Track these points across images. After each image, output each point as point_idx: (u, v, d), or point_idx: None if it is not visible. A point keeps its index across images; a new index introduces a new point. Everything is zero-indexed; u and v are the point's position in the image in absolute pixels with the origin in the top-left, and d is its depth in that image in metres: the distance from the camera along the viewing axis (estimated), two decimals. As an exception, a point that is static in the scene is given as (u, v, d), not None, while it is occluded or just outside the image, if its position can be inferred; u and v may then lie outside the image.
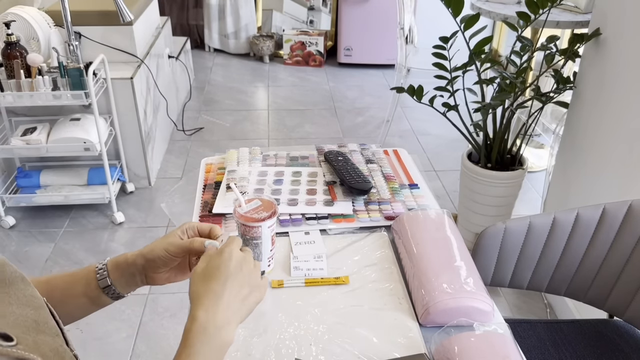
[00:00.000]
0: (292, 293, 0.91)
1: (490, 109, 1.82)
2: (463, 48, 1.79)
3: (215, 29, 4.30)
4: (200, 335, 0.60)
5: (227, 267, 0.65)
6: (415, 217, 1.01)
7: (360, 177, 1.15)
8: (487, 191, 1.94)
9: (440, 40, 1.79)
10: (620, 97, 1.58)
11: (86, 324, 1.84)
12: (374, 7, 3.87)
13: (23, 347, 0.46)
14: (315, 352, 0.79)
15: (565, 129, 1.92)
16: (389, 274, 0.95)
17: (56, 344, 0.52)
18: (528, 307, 1.95)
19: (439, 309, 0.82)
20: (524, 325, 1.22)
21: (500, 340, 0.77)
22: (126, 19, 2.05)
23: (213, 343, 0.61)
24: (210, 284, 0.64)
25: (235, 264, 0.66)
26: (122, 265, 0.75)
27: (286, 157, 1.31)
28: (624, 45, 1.56)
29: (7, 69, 2.04)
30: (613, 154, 1.60)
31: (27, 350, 0.46)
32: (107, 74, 2.26)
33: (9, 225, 2.31)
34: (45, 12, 2.30)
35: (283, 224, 1.06)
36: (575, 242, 1.15)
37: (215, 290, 0.63)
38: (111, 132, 2.36)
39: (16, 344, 0.45)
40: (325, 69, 4.11)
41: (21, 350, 0.45)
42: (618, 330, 1.21)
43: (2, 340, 0.44)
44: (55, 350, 0.51)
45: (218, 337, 0.61)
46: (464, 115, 1.92)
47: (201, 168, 1.28)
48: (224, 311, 0.63)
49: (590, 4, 2.13)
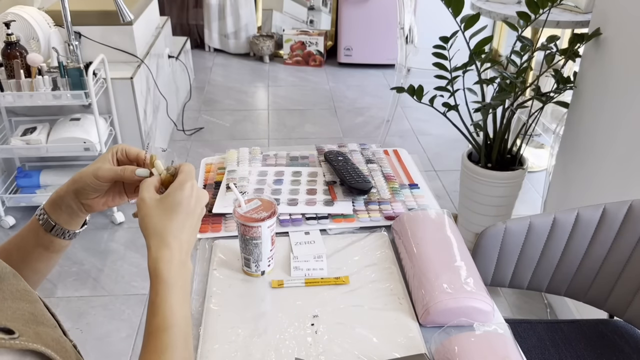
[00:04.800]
0: (292, 293, 0.91)
1: (490, 109, 1.82)
2: (463, 48, 1.79)
3: (215, 29, 4.30)
4: (170, 271, 0.61)
5: (188, 204, 0.64)
6: (415, 217, 1.01)
7: (360, 177, 1.15)
8: (487, 191, 1.94)
9: (441, 40, 1.79)
10: (620, 97, 1.58)
11: (86, 324, 1.84)
12: (374, 7, 3.86)
13: (25, 339, 0.46)
14: (315, 352, 0.79)
15: (565, 129, 1.92)
16: (389, 274, 0.95)
17: (56, 335, 0.53)
18: (528, 307, 1.95)
19: (439, 309, 0.82)
20: (524, 325, 1.22)
21: (500, 340, 0.77)
22: (126, 18, 2.05)
23: (182, 276, 0.62)
24: (171, 220, 0.63)
25: (195, 201, 0.65)
26: (57, 201, 0.72)
27: (286, 157, 1.31)
28: (624, 45, 1.56)
29: (7, 69, 2.04)
30: (613, 154, 1.60)
31: (29, 342, 0.46)
32: (107, 74, 2.25)
33: (9, 225, 2.31)
34: (45, 12, 2.30)
35: (283, 224, 1.06)
36: (575, 242, 1.15)
37: (177, 226, 0.64)
38: (111, 132, 2.35)
39: (18, 336, 0.46)
40: (325, 69, 4.11)
41: (24, 341, 0.46)
42: (618, 330, 1.21)
43: (3, 334, 0.45)
44: (56, 340, 0.51)
45: (185, 270, 0.63)
46: (464, 115, 1.92)
47: (201, 168, 1.28)
48: (186, 245, 0.64)
49: (590, 4, 2.13)
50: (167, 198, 0.65)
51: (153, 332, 0.59)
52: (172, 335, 0.59)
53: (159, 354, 0.58)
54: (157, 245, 0.62)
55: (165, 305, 0.60)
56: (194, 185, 0.66)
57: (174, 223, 0.63)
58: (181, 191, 0.65)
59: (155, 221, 0.64)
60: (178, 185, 0.65)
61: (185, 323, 0.62)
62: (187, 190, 0.65)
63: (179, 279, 0.62)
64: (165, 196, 0.65)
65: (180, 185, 0.65)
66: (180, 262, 0.63)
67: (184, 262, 0.63)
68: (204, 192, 0.68)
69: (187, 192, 0.65)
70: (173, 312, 0.60)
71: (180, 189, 0.65)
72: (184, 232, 0.64)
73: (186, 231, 0.64)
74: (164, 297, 0.60)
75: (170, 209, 0.64)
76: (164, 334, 0.59)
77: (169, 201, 0.65)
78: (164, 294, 0.60)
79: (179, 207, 0.64)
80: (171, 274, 0.61)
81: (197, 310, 0.88)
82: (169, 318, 0.60)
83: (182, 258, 0.63)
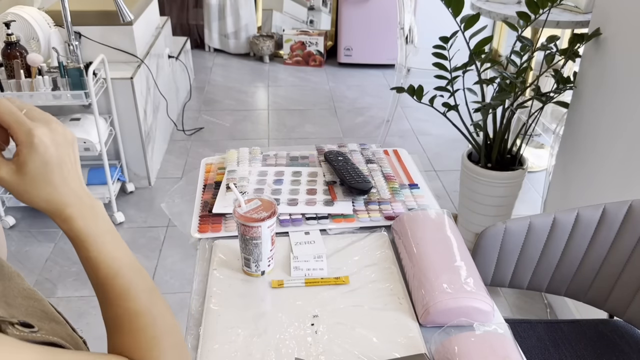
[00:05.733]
0: (292, 293, 0.91)
1: (490, 109, 1.82)
2: (463, 48, 1.79)
3: (215, 29, 4.30)
4: (87, 222, 0.55)
5: (51, 157, 0.53)
6: (415, 217, 1.01)
7: (360, 177, 1.15)
8: (487, 191, 1.94)
9: (440, 40, 1.79)
10: (620, 96, 1.58)
11: (86, 324, 1.84)
12: (374, 7, 3.86)
13: (44, 333, 0.47)
14: (315, 352, 0.79)
15: (565, 129, 1.92)
16: (389, 274, 0.95)
17: (68, 331, 0.53)
18: (528, 307, 1.95)
19: (439, 309, 0.82)
20: (524, 325, 1.22)
21: (500, 340, 0.77)
22: (126, 19, 2.05)
23: (99, 219, 0.56)
24: (48, 184, 0.53)
25: (54, 149, 0.53)
26: None
27: (286, 157, 1.31)
28: (624, 45, 1.56)
29: (7, 69, 2.04)
30: (613, 153, 1.60)
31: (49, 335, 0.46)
32: (107, 74, 2.25)
33: (9, 225, 2.31)
34: (45, 12, 2.30)
35: (283, 224, 1.06)
36: (575, 242, 1.15)
37: (61, 183, 0.54)
38: (111, 132, 2.36)
39: (38, 330, 0.46)
40: (325, 69, 4.11)
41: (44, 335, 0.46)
42: (618, 330, 1.21)
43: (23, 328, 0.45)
44: (70, 335, 0.52)
45: (95, 212, 0.56)
46: (464, 115, 1.92)
47: (201, 168, 1.28)
48: (79, 189, 0.56)
49: (590, 4, 2.13)
50: (26, 166, 0.52)
51: (103, 284, 0.55)
52: (125, 276, 0.55)
53: (122, 299, 0.55)
54: (55, 212, 0.54)
55: (103, 255, 0.55)
56: (42, 137, 0.52)
57: (53, 186, 0.54)
58: (35, 152, 0.52)
59: (35, 194, 0.54)
60: (26, 144, 0.52)
61: (133, 261, 0.57)
62: (40, 148, 0.52)
63: (99, 224, 0.55)
64: (21, 165, 0.52)
65: (30, 148, 0.52)
66: (88, 208, 0.56)
67: (91, 206, 0.56)
68: (54, 126, 0.55)
69: (41, 149, 0.52)
70: (114, 257, 0.55)
71: (31, 151, 0.52)
72: (68, 182, 0.55)
73: (70, 179, 0.55)
74: (98, 249, 0.55)
75: (39, 175, 0.53)
76: (115, 280, 0.55)
77: (31, 169, 0.52)
78: (96, 246, 0.55)
79: (45, 168, 0.53)
80: (89, 225, 0.55)
81: (197, 310, 0.88)
82: (113, 265, 0.55)
83: (86, 204, 0.56)
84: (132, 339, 0.55)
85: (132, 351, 0.55)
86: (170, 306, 0.60)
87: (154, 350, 0.55)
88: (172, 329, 0.58)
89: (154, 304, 0.57)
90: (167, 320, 0.58)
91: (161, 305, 0.58)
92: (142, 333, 0.55)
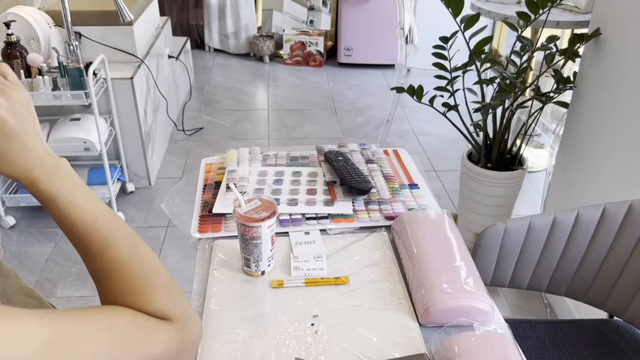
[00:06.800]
0: (292, 293, 0.91)
1: (490, 109, 1.82)
2: (463, 48, 1.79)
3: (215, 29, 4.30)
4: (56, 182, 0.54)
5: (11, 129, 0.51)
6: (415, 217, 1.01)
7: (360, 177, 1.15)
8: (487, 191, 1.94)
9: (440, 40, 1.79)
10: (621, 96, 1.58)
11: (86, 324, 1.84)
12: (374, 7, 3.87)
13: None
14: (315, 352, 0.79)
15: (565, 129, 1.92)
16: (389, 274, 0.95)
17: None
18: (528, 307, 1.95)
19: (439, 309, 0.82)
20: (524, 325, 1.22)
21: (500, 340, 0.77)
22: (126, 19, 2.05)
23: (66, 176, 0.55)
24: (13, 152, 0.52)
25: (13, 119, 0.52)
26: None
27: (286, 157, 1.31)
28: (624, 45, 1.56)
29: (7, 69, 2.04)
30: (613, 153, 1.60)
31: None
32: (107, 74, 2.26)
33: (9, 225, 2.31)
34: (45, 12, 2.30)
35: (283, 224, 1.06)
36: (575, 242, 1.15)
37: (22, 151, 0.52)
38: (111, 132, 2.36)
39: None
40: (325, 69, 4.11)
41: None
42: (618, 330, 1.21)
43: None
44: None
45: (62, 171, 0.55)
46: (464, 115, 1.92)
47: (201, 168, 1.28)
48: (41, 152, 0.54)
49: (590, 4, 2.13)
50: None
51: (82, 239, 0.55)
52: (102, 227, 0.55)
53: (104, 250, 0.55)
54: (20, 178, 0.53)
55: (76, 210, 0.54)
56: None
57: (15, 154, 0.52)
58: None
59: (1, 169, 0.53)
60: None
61: (107, 211, 0.57)
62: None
63: (65, 181, 0.55)
64: None
65: None
66: (53, 168, 0.54)
67: (55, 165, 0.55)
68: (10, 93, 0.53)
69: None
70: (88, 210, 0.55)
71: None
72: (30, 148, 0.53)
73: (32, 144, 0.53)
74: (70, 206, 0.54)
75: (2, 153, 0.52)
76: (93, 233, 0.55)
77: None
78: (67, 204, 0.54)
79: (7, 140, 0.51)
80: (55, 184, 0.54)
81: (197, 310, 0.88)
82: (87, 218, 0.55)
83: (50, 164, 0.54)
84: (122, 285, 0.55)
85: (124, 297, 0.55)
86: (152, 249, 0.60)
87: (146, 291, 0.56)
88: (158, 269, 0.59)
89: (137, 248, 0.57)
90: (152, 261, 0.58)
91: (144, 248, 0.58)
92: (132, 277, 0.56)
